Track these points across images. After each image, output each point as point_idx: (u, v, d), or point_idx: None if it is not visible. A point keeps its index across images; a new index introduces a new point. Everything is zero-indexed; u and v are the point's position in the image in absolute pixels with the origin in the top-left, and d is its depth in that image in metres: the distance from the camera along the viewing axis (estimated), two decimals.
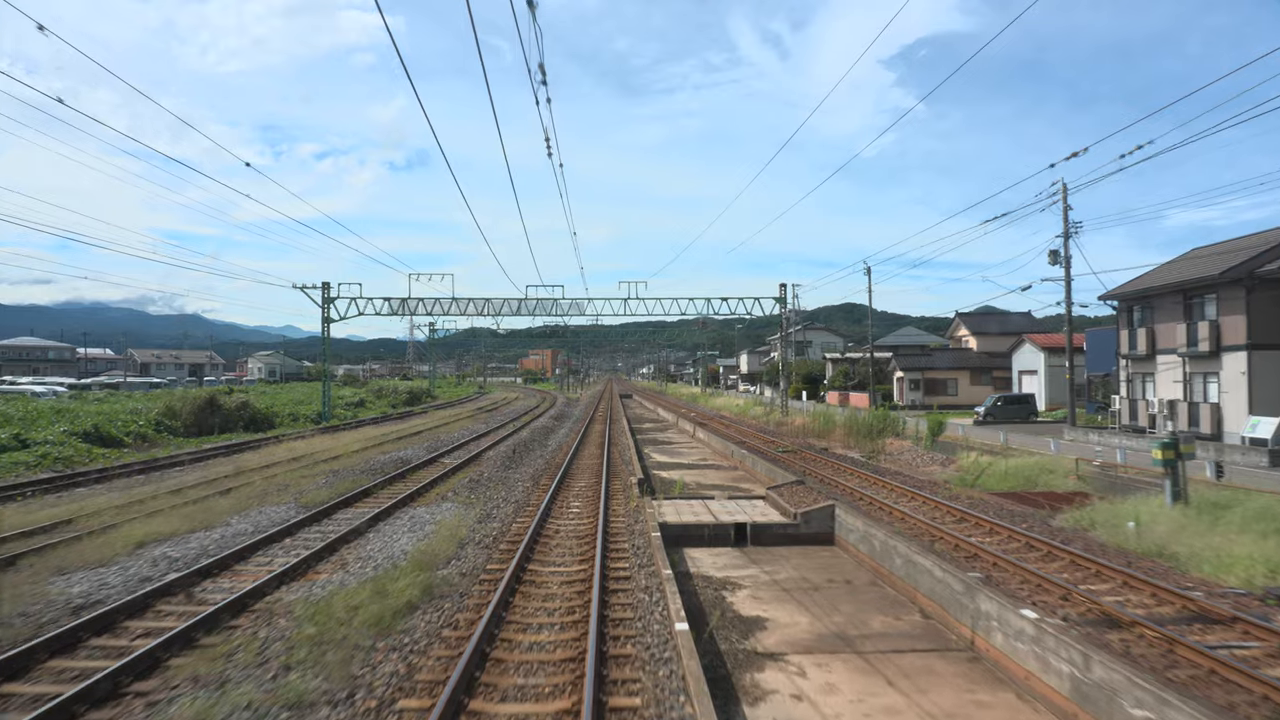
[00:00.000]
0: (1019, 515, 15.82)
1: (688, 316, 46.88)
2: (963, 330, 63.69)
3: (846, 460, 25.66)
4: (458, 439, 30.76)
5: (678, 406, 62.56)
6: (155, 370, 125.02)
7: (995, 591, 9.74)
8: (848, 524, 15.32)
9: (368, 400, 57.59)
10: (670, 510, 17.10)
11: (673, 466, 27.02)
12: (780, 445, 30.37)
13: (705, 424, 42.59)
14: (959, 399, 58.68)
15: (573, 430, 37.29)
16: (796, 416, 44.21)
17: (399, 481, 19.64)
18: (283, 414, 42.50)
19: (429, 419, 44.63)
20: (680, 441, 36.14)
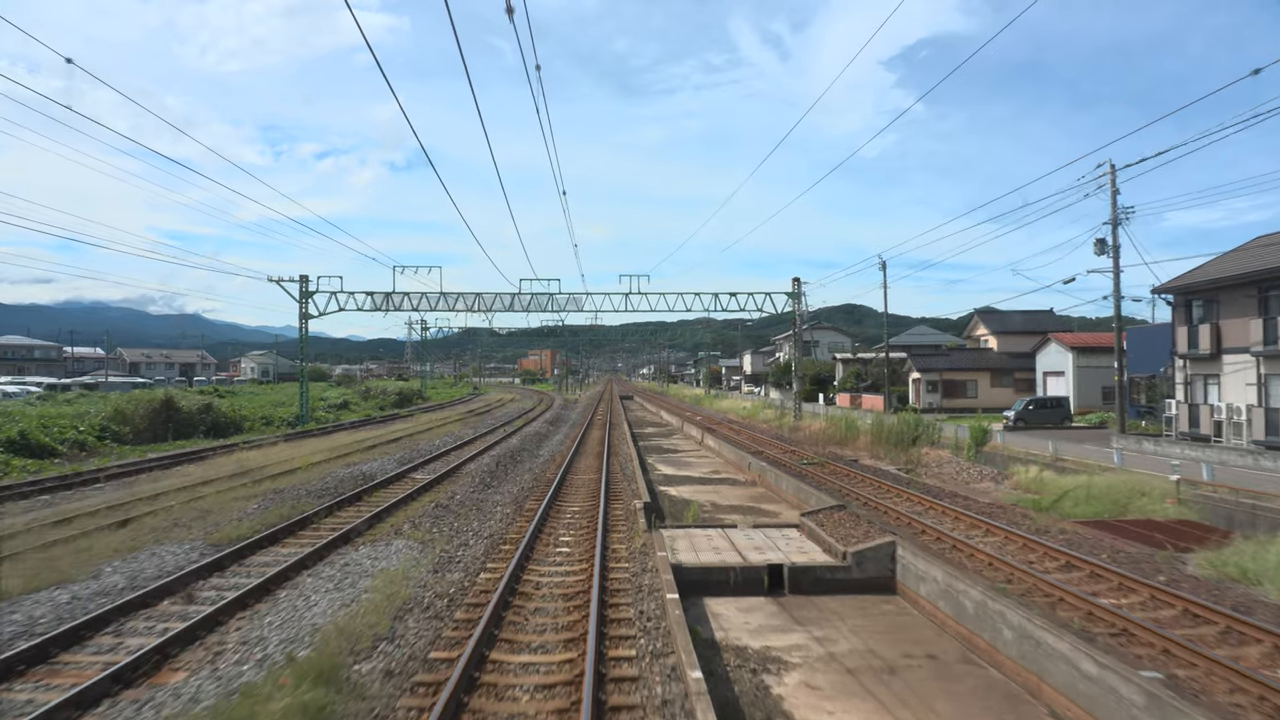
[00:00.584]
0: (1138, 559, 12.16)
1: (692, 313, 43.38)
2: (981, 329, 60.07)
3: (883, 475, 22.03)
4: (438, 447, 27.13)
5: (681, 409, 58.92)
6: (145, 370, 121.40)
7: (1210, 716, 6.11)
8: (916, 569, 11.69)
9: (353, 402, 53.96)
10: (684, 545, 13.47)
11: (681, 480, 23.39)
12: (803, 456, 26.78)
13: (713, 429, 38.95)
14: (979, 402, 55.08)
15: (568, 437, 33.68)
16: (811, 421, 40.60)
17: (351, 506, 16.00)
18: (254, 418, 38.88)
19: (413, 423, 41.01)
20: (687, 450, 32.51)
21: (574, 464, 23.97)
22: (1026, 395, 54.90)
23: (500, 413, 50.75)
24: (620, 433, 36.36)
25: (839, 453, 29.32)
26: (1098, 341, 50.55)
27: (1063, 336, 50.89)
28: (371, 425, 40.04)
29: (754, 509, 18.71)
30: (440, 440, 29.91)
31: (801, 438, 35.14)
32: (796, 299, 43.32)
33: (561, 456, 25.87)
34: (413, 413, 50.78)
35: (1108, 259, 32.08)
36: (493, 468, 21.85)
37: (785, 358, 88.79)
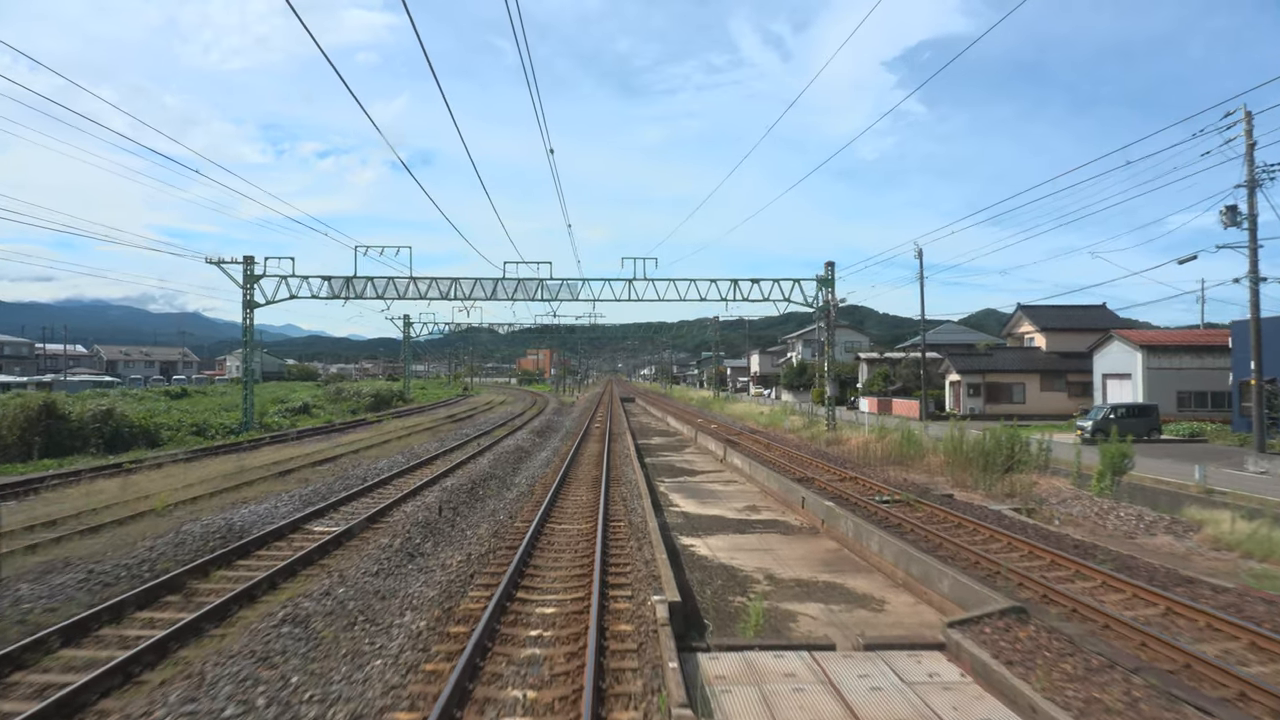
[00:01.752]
0: None
1: (706, 303, 36.22)
2: (1026, 325, 52.92)
3: (1004, 524, 14.89)
4: (380, 471, 20.00)
5: (690, 414, 51.74)
6: (123, 368, 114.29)
7: None
8: None
9: (317, 405, 46.75)
10: (752, 702, 6.40)
11: (710, 526, 16.20)
12: (869, 486, 19.62)
13: (734, 442, 31.77)
14: (1027, 407, 47.98)
15: (557, 454, 26.51)
16: (851, 432, 33.42)
17: (126, 620, 8.83)
18: (181, 426, 31.73)
19: (374, 432, 33.84)
20: (707, 471, 25.31)
21: (559, 503, 16.78)
22: (1081, 400, 47.80)
23: (483, 419, 43.56)
24: (622, 446, 29.24)
25: (907, 478, 22.17)
26: (1171, 339, 43.40)
27: (1129, 333, 43.74)
28: (322, 436, 32.84)
29: (835, 588, 11.55)
30: (390, 460, 22.73)
31: (848, 455, 27.96)
32: (829, 287, 36.20)
33: (543, 487, 18.71)
34: (383, 418, 43.59)
35: (1237, 232, 25.03)
36: (438, 512, 14.68)
37: (798, 357, 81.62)
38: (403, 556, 11.19)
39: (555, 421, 42.07)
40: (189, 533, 12.18)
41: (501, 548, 12.15)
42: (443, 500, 15.43)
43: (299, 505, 15.02)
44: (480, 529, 13.44)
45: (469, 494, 16.63)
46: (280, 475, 19.22)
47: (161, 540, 11.63)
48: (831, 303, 35.56)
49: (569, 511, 15.71)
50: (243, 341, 36.67)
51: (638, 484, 19.41)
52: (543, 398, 77.56)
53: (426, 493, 16.88)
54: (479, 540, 12.49)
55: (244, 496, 16.11)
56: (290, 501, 15.34)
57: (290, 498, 15.74)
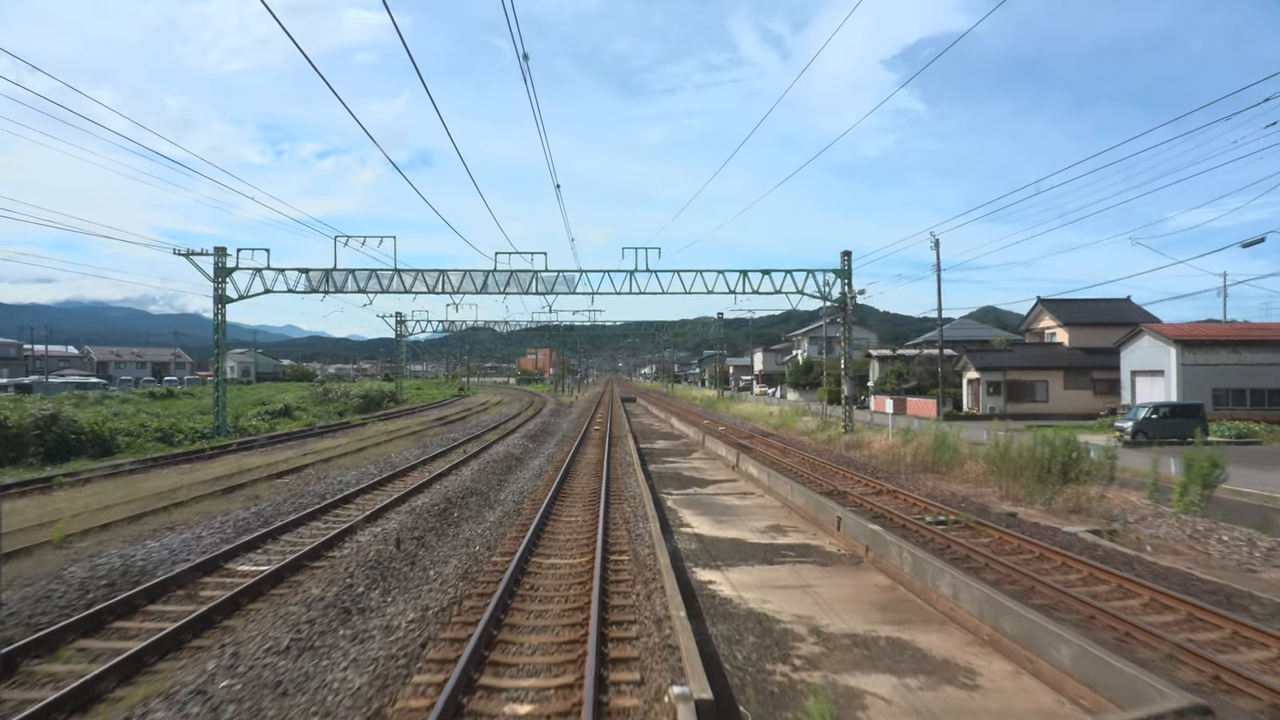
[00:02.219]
0: None
1: (713, 295, 33.36)
2: (1047, 320, 50.11)
3: (1098, 554, 12.11)
4: (347, 485, 17.22)
5: (694, 414, 48.95)
6: (114, 369, 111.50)
7: None
8: None
9: (299, 407, 43.95)
10: None
11: (730, 555, 13.38)
12: (910, 501, 16.86)
13: (746, 447, 29.00)
14: (1050, 406, 45.20)
15: (552, 461, 23.71)
16: (872, 435, 30.61)
17: None
18: (146, 430, 28.94)
19: (354, 437, 31.03)
20: (718, 480, 22.47)
21: (550, 526, 13.97)
22: (1107, 399, 44.98)
23: (475, 421, 40.77)
24: (623, 452, 26.47)
25: (948, 489, 19.38)
26: (1208, 333, 40.61)
27: (1161, 328, 40.96)
28: (296, 441, 30.01)
29: (903, 648, 8.73)
30: (361, 471, 19.93)
31: (873, 461, 25.17)
32: (846, 278, 33.37)
33: (532, 505, 15.91)
34: (369, 421, 40.79)
35: None
36: (396, 544, 11.87)
37: (804, 355, 78.83)
38: (335, 615, 8.37)
39: (552, 424, 39.25)
40: (69, 579, 9.40)
41: (471, 595, 9.35)
42: (405, 528, 12.60)
43: (231, 534, 12.22)
44: (448, 567, 10.64)
45: (441, 517, 13.80)
46: (226, 492, 16.40)
47: (24, 592, 8.84)
48: (849, 295, 32.76)
49: (561, 539, 12.90)
50: (214, 340, 33.86)
51: (641, 499, 16.66)
52: (540, 398, 74.78)
53: (392, 515, 14.07)
54: (443, 585, 9.69)
55: (171, 521, 13.31)
56: (223, 529, 12.54)
57: (224, 523, 12.94)
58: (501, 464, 21.68)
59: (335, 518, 13.95)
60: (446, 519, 13.65)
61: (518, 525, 13.71)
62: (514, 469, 21.39)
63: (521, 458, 23.97)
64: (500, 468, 20.99)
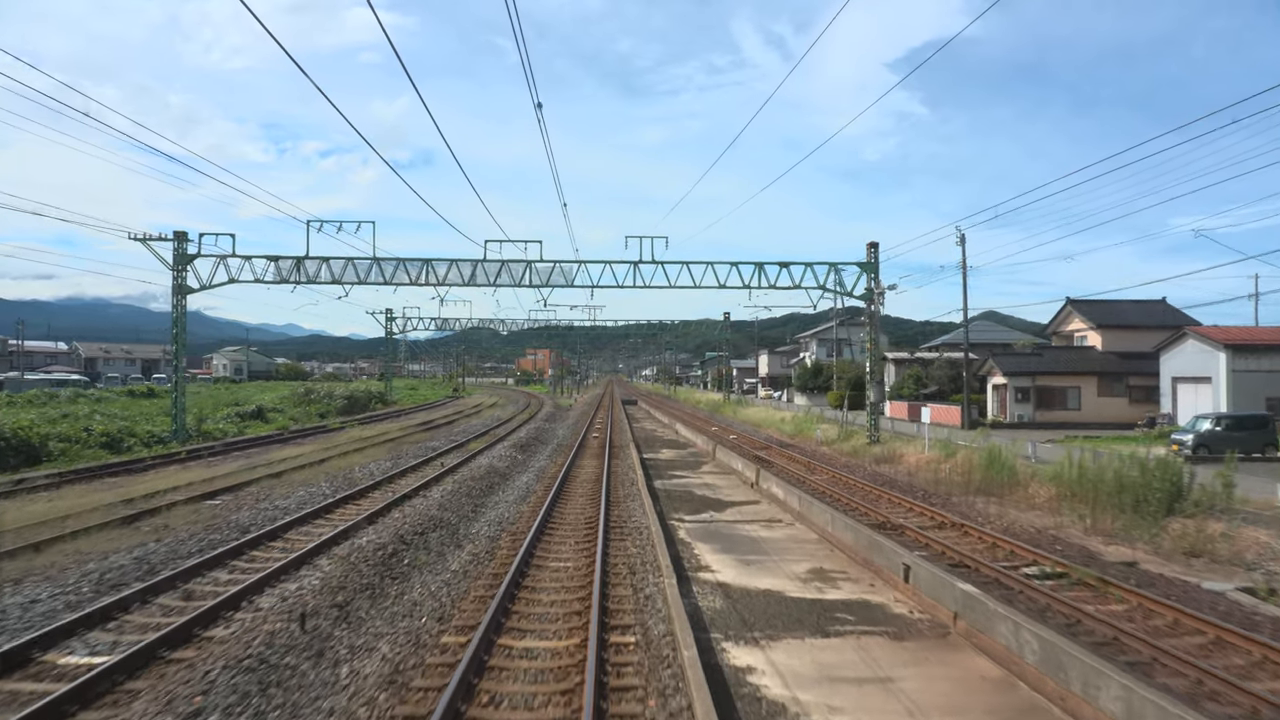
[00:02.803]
0: None
1: (725, 290, 29.96)
2: (1076, 322, 46.64)
3: (1256, 632, 8.71)
4: (282, 513, 13.79)
5: (700, 420, 45.51)
6: (103, 365, 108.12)
7: None
8: None
9: (275, 409, 40.49)
10: None
11: (767, 617, 9.84)
12: (989, 541, 13.40)
13: (764, 459, 25.56)
14: (1082, 414, 41.74)
15: (542, 478, 20.20)
16: (902, 446, 27.15)
17: None
18: (93, 435, 25.49)
19: (324, 444, 27.56)
20: (739, 503, 18.95)
21: (530, 578, 10.49)
22: (1144, 406, 41.45)
23: (464, 426, 37.33)
24: (625, 466, 23.04)
25: (1017, 519, 15.94)
26: (1262, 338, 37.18)
27: (1208, 330, 37.49)
28: (258, 449, 26.55)
29: None
30: (309, 491, 16.45)
31: (912, 478, 21.70)
32: (872, 272, 29.92)
33: (511, 542, 12.44)
34: (348, 424, 37.35)
35: None
36: (301, 623, 8.39)
37: (812, 358, 75.38)
38: None
39: (546, 430, 35.77)
40: None
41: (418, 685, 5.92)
42: (330, 586, 9.13)
43: (88, 593, 8.79)
44: (371, 661, 7.18)
45: (386, 565, 10.32)
46: (129, 521, 12.94)
47: None
48: (877, 290, 29.32)
49: (544, 601, 9.43)
50: (172, 335, 30.39)
51: (648, 532, 13.26)
52: (538, 400, 71.33)
53: (320, 561, 10.62)
54: (354, 700, 6.26)
55: (24, 568, 9.87)
56: (80, 585, 9.10)
57: (89, 575, 9.50)
58: (483, 481, 18.19)
59: (244, 566, 10.51)
60: (392, 568, 10.18)
61: (488, 576, 10.26)
62: (496, 488, 17.90)
63: (508, 473, 20.49)
64: (480, 487, 17.51)
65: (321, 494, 15.85)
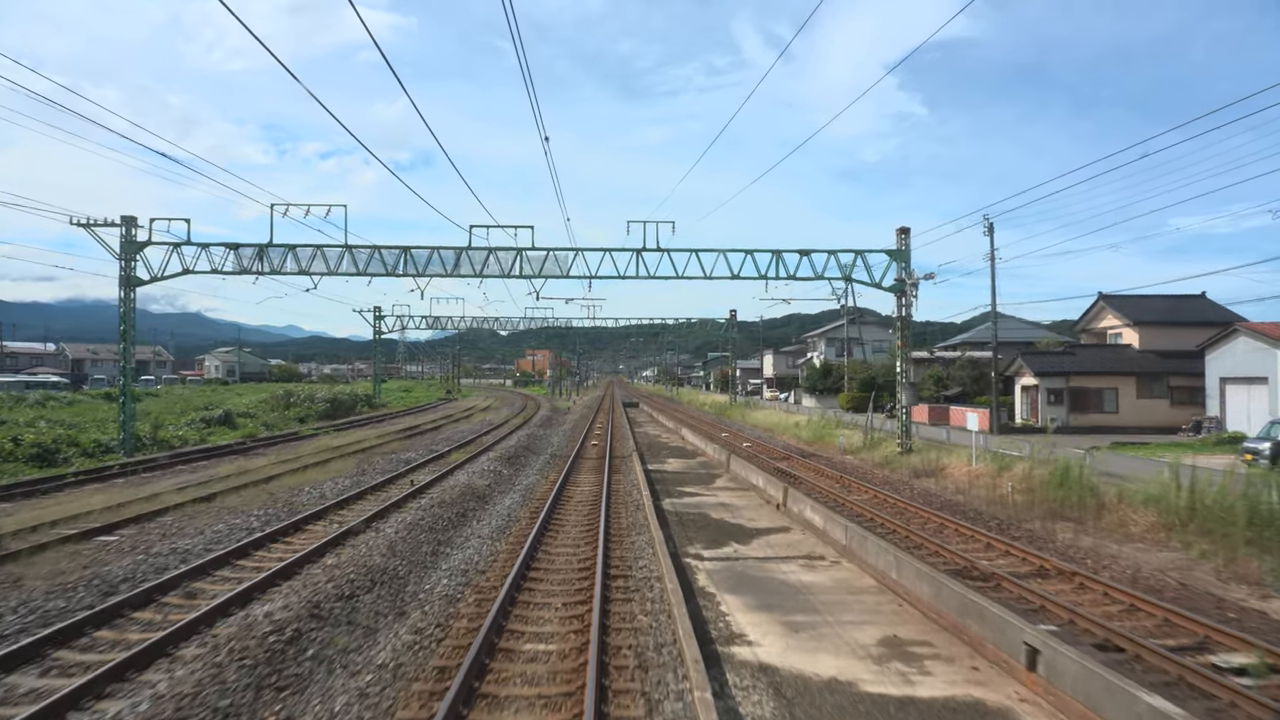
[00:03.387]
0: None
1: (740, 281, 26.62)
2: (1110, 319, 43.25)
3: None
4: (190, 555, 10.47)
5: (707, 424, 42.14)
6: (90, 367, 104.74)
7: None
8: None
9: (246, 414, 37.11)
10: None
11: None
12: (1127, 604, 10.04)
13: (788, 474, 22.18)
14: (1120, 418, 38.37)
15: (529, 500, 16.76)
16: (940, 455, 23.76)
17: None
18: (23, 444, 22.12)
19: (284, 456, 24.12)
20: (765, 529, 15.57)
21: (494, 672, 7.13)
22: (1187, 409, 38.07)
23: (450, 432, 33.94)
24: (628, 481, 19.67)
25: (1120, 556, 12.58)
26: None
27: (1263, 327, 34.11)
28: (211, 461, 23.14)
29: None
30: (235, 523, 13.03)
31: (964, 498, 18.30)
32: (903, 260, 26.55)
33: (477, 602, 9.06)
34: (323, 431, 33.96)
35: None
36: None
37: (821, 357, 72.00)
38: None
39: (540, 437, 32.35)
40: None
41: None
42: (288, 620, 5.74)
43: None
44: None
45: (269, 666, 6.89)
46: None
47: None
48: (909, 281, 25.93)
49: (515, 692, 6.07)
50: (120, 332, 27.00)
51: (660, 581, 9.91)
52: (535, 402, 67.92)
53: (183, 654, 7.24)
54: None
55: None
56: None
57: None
58: (454, 508, 14.78)
59: (65, 660, 7.12)
60: (282, 666, 6.76)
61: (430, 675, 6.87)
62: (470, 517, 14.49)
63: (488, 494, 17.07)
64: (449, 516, 14.11)
65: (246, 528, 12.48)
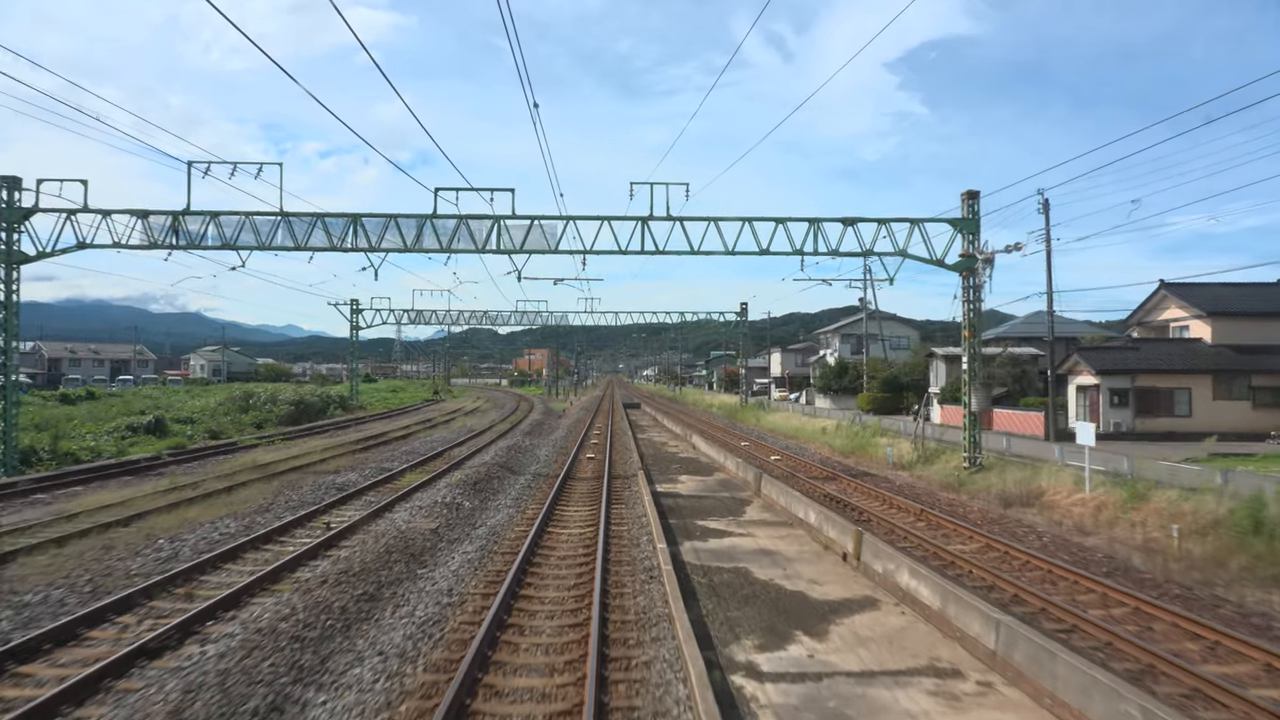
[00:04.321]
0: None
1: (773, 255, 21.24)
2: (1173, 309, 37.86)
3: None
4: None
5: (719, 430, 36.79)
6: (67, 367, 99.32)
7: None
8: None
9: (187, 419, 31.70)
10: None
11: None
12: None
13: (847, 504, 16.80)
14: (1193, 423, 33.00)
15: (488, 557, 11.34)
16: (1029, 475, 18.38)
17: None
18: None
19: (208, 473, 18.70)
20: (836, 605, 10.21)
21: None
22: (1274, 411, 33.01)
23: (422, 441, 28.54)
24: (634, 514, 14.33)
25: None
26: None
27: None
28: (88, 485, 17.72)
29: None
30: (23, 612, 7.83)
31: (1091, 540, 12.90)
32: (971, 231, 21.20)
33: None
34: (273, 440, 28.54)
35: None
36: None
37: (835, 355, 66.64)
38: None
39: (526, 448, 26.91)
40: None
41: None
42: None
43: None
44: None
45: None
46: None
47: None
48: (980, 257, 20.53)
49: None
50: (2, 325, 21.57)
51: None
52: (529, 402, 62.51)
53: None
54: None
55: None
56: None
57: None
58: (361, 583, 9.34)
59: None
60: None
61: None
62: (378, 609, 8.97)
63: (427, 551, 11.61)
64: (344, 607, 8.65)
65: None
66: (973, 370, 21.67)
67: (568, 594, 9.35)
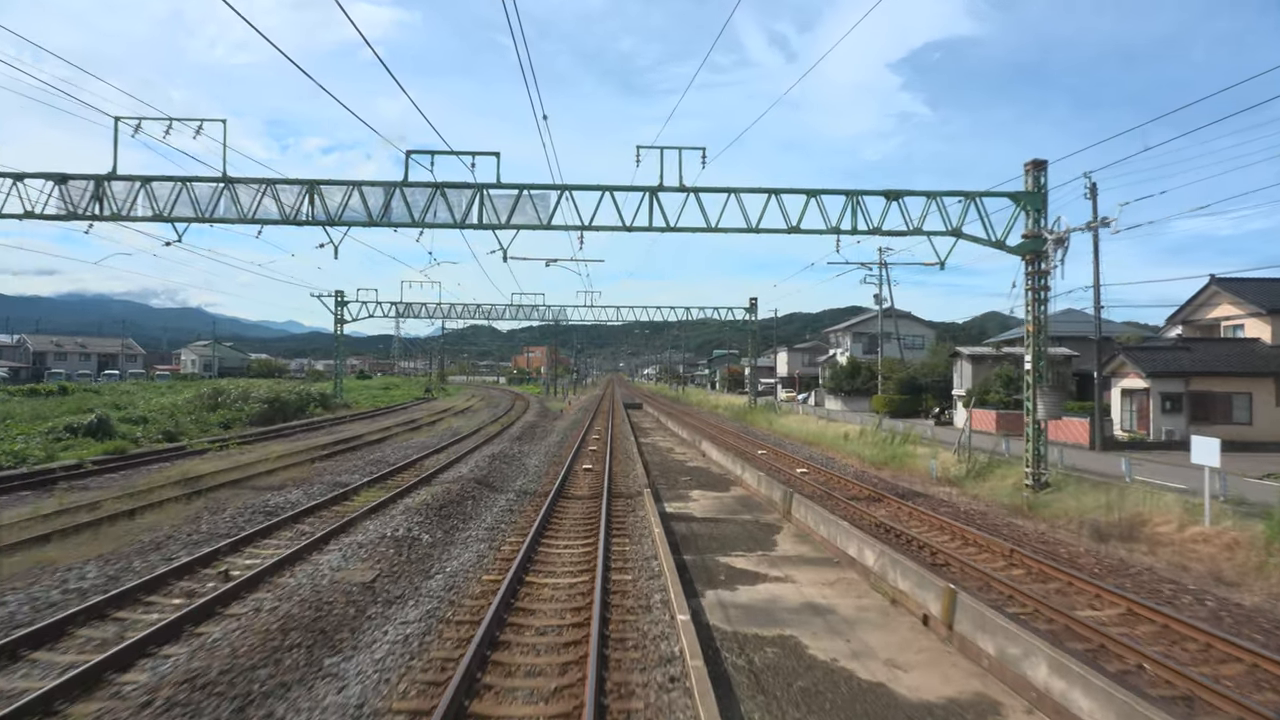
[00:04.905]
0: None
1: (802, 234, 17.91)
2: (1227, 307, 34.50)
3: None
4: None
5: (730, 435, 33.45)
6: (53, 361, 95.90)
7: None
8: None
9: (140, 418, 28.38)
10: None
11: None
12: None
13: (909, 538, 13.43)
14: (1254, 431, 29.71)
15: (430, 638, 8.10)
16: (1116, 497, 15.06)
17: None
18: None
19: (116, 490, 15.46)
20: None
21: None
22: None
23: (399, 446, 25.21)
24: (639, 558, 10.97)
25: None
26: None
27: None
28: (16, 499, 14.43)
29: None
30: None
31: (1240, 596, 9.59)
32: (1037, 207, 17.88)
33: None
34: (227, 444, 25.21)
35: None
36: None
37: (846, 355, 63.30)
38: None
39: (514, 455, 23.53)
40: None
41: None
42: None
43: None
44: None
45: None
46: None
47: None
48: (1051, 237, 17.18)
49: None
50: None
51: None
52: (525, 401, 59.16)
53: None
54: None
55: None
56: None
57: None
58: (228, 696, 6.09)
59: None
60: None
61: None
62: (293, 693, 5.77)
63: (350, 620, 8.29)
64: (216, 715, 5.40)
65: None
66: (1038, 372, 18.32)
67: (543, 710, 6.03)
